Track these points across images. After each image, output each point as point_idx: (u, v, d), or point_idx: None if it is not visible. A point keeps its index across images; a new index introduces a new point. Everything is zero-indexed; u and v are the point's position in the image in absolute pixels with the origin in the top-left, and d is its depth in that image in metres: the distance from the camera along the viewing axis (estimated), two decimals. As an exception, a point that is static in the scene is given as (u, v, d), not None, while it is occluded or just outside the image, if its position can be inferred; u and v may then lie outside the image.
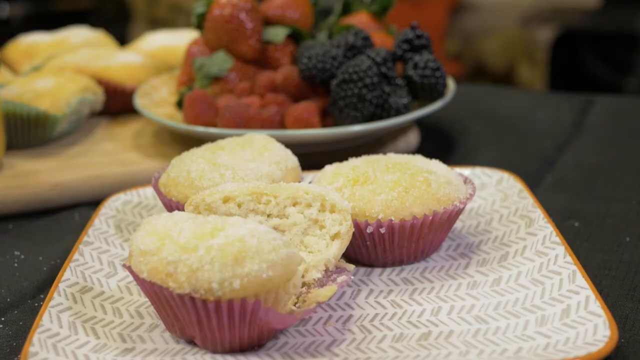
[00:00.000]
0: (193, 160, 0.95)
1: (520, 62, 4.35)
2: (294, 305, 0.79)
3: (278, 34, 1.37)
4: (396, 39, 1.32)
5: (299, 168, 1.01)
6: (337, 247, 0.84)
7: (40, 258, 1.00)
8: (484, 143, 1.39)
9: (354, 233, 0.88)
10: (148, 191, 1.10)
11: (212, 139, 1.19)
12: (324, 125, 1.25)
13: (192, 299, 0.72)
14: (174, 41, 1.64)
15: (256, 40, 1.34)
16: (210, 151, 0.97)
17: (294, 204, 0.85)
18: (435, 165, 0.95)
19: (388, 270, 0.93)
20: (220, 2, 1.34)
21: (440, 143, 1.40)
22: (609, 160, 1.28)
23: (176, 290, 0.72)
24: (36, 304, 0.91)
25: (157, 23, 4.69)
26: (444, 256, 0.95)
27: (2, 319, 0.88)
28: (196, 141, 1.30)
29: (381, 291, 0.88)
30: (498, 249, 0.94)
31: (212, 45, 1.37)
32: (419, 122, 1.44)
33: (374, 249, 0.91)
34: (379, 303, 0.85)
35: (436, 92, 1.28)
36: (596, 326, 0.74)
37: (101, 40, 1.67)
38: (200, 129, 1.19)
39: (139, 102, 1.34)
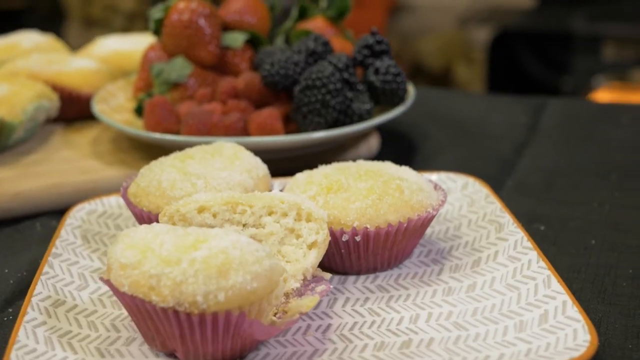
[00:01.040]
0: (163, 170, 0.94)
1: (458, 62, 4.41)
2: (274, 316, 0.79)
3: (236, 39, 1.36)
4: (356, 44, 1.33)
5: (269, 176, 1.00)
6: (315, 256, 0.84)
7: (6, 270, 0.98)
8: (442, 147, 1.40)
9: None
10: (112, 200, 1.09)
11: (175, 146, 1.18)
12: (287, 131, 1.25)
13: (176, 312, 0.71)
14: (127, 46, 1.61)
15: (215, 46, 1.33)
16: (180, 160, 0.96)
17: (270, 213, 0.85)
18: (406, 172, 0.96)
19: (362, 277, 0.93)
20: (179, 7, 1.33)
21: (399, 148, 1.41)
22: (567, 164, 1.30)
23: (159, 304, 0.71)
24: (5, 318, 0.88)
25: (92, 23, 4.62)
26: (417, 262, 0.96)
27: (-30, 334, 0.85)
28: (156, 148, 1.29)
29: (357, 299, 0.88)
30: (470, 255, 0.95)
31: (170, 51, 1.35)
32: (379, 127, 1.45)
33: (348, 256, 0.91)
34: (356, 311, 0.86)
35: (397, 97, 1.28)
36: (576, 331, 0.75)
37: (52, 45, 1.63)
38: (167, 136, 1.18)
39: (97, 108, 1.31)
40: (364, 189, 0.90)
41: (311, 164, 1.22)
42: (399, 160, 1.03)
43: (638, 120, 1.51)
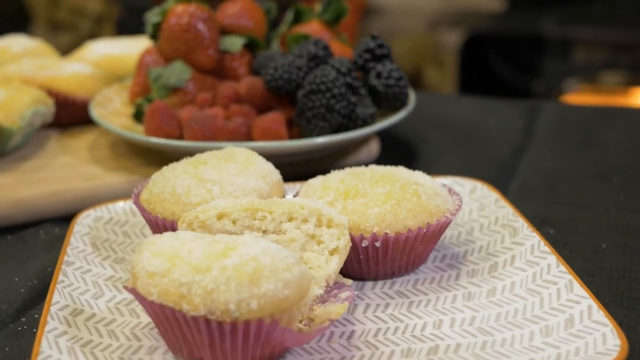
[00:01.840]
0: (177, 176, 0.93)
1: (428, 65, 4.42)
2: (300, 323, 0.78)
3: (235, 43, 1.35)
4: (357, 48, 1.32)
5: (282, 181, 0.99)
6: (336, 262, 0.83)
7: (16, 279, 0.96)
8: (442, 151, 1.40)
9: (347, 247, 0.87)
10: (118, 207, 1.07)
11: (179, 152, 1.17)
12: (289, 136, 1.24)
13: (207, 320, 0.70)
14: (119, 50, 1.59)
15: (214, 50, 1.32)
16: (193, 166, 0.95)
17: (290, 220, 0.84)
18: (421, 176, 0.95)
19: (380, 283, 0.92)
20: (177, 11, 1.31)
21: (399, 152, 1.40)
22: (567, 167, 1.31)
23: (190, 313, 0.70)
24: (19, 328, 0.87)
25: (58, 26, 4.57)
26: (433, 268, 0.95)
27: (-15, 345, 0.84)
28: (156, 154, 1.27)
29: (378, 305, 0.87)
30: (486, 259, 0.95)
31: (168, 55, 1.34)
32: (378, 132, 1.44)
33: (367, 262, 0.90)
34: (378, 317, 0.85)
35: (399, 101, 1.28)
36: (604, 335, 0.75)
37: (42, 49, 1.61)
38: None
39: (97, 113, 1.29)
40: (381, 194, 0.90)
41: (312, 169, 1.22)
42: (399, 165, 1.02)
43: (632, 123, 1.52)
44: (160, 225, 0.91)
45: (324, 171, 1.24)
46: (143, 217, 0.94)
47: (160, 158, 1.27)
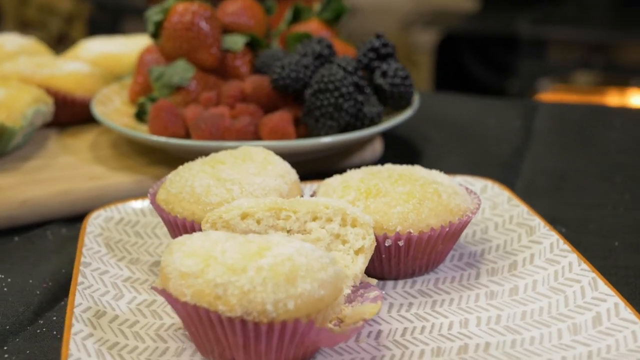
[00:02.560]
0: (194, 175, 0.92)
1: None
2: (329, 324, 0.78)
3: (237, 41, 1.34)
4: (361, 47, 1.32)
5: (299, 181, 0.99)
6: (362, 262, 0.83)
7: (30, 281, 0.94)
8: (445, 150, 1.40)
9: (370, 246, 0.87)
10: (128, 207, 1.06)
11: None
12: (296, 135, 1.23)
13: (243, 321, 0.69)
14: (114, 49, 1.58)
15: (217, 49, 1.31)
16: (210, 165, 0.94)
17: (314, 219, 0.84)
18: (439, 175, 0.95)
19: (400, 282, 0.92)
20: (179, 9, 1.30)
21: (402, 151, 1.40)
22: (570, 167, 1.31)
23: (226, 314, 0.69)
24: (38, 331, 0.85)
25: (27, 25, 4.52)
26: (451, 267, 0.95)
27: (5, 347, 0.82)
28: (160, 153, 1.27)
29: (401, 304, 0.87)
30: (504, 258, 0.95)
31: (170, 54, 1.32)
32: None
33: (388, 261, 0.90)
34: (403, 317, 0.85)
35: (405, 100, 1.28)
36: (634, 333, 0.75)
37: (35, 47, 1.59)
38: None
39: (100, 112, 1.28)
40: (403, 193, 0.89)
41: (317, 168, 1.22)
42: (403, 164, 1.01)
43: (630, 122, 1.53)
44: (180, 226, 0.90)
45: (329, 171, 1.25)
46: (160, 217, 0.93)
47: (164, 157, 1.25)
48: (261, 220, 0.83)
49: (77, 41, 1.67)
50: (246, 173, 0.92)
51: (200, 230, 0.88)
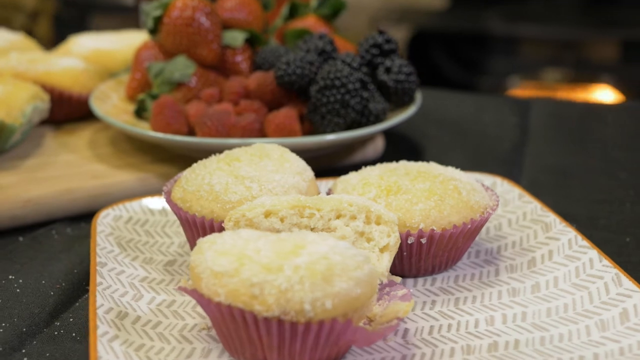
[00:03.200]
0: (211, 173, 0.90)
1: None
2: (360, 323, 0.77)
3: (236, 37, 1.33)
4: (363, 43, 1.31)
5: (314, 178, 0.97)
6: (388, 260, 0.82)
7: (43, 282, 0.92)
8: (446, 147, 1.40)
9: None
10: (135, 205, 1.04)
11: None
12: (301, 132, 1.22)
13: (280, 321, 0.68)
14: (108, 45, 1.55)
15: (217, 45, 1.30)
16: (226, 163, 0.92)
17: (338, 217, 0.83)
18: (456, 172, 0.95)
19: (420, 280, 0.91)
20: (178, 4, 1.28)
21: (403, 148, 1.40)
22: (571, 163, 1.32)
23: (262, 313, 0.67)
24: (55, 332, 0.83)
25: (-9, 21, 4.46)
26: (469, 264, 0.95)
27: (23, 350, 0.80)
28: (161, 151, 1.25)
29: (424, 302, 0.87)
30: (522, 255, 0.95)
31: (170, 50, 1.31)
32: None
33: (409, 259, 0.89)
34: (428, 315, 0.84)
35: (408, 96, 1.27)
36: (665, 328, 0.76)
37: (25, 44, 1.56)
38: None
39: (101, 110, 1.26)
40: (424, 190, 0.89)
41: (320, 165, 1.21)
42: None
43: (623, 119, 1.54)
44: (198, 224, 0.88)
45: (331, 168, 1.24)
46: (177, 216, 0.91)
47: (166, 155, 1.24)
48: (285, 218, 0.81)
49: (42, 38, 1.63)
50: (264, 170, 0.91)
51: (220, 228, 0.87)
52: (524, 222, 1.01)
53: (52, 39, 3.85)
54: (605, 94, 3.80)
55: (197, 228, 0.89)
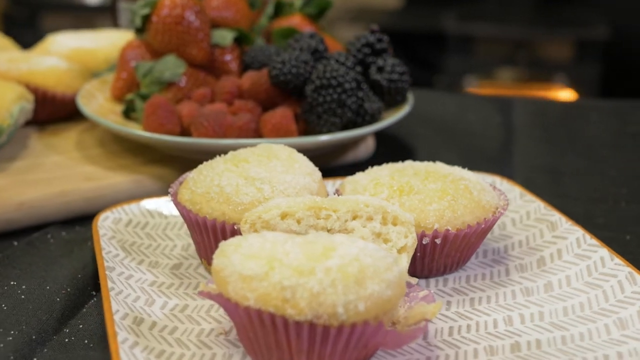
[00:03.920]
0: (220, 174, 0.89)
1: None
2: (383, 324, 0.76)
3: (225, 36, 1.31)
4: (354, 42, 1.30)
5: (322, 179, 0.96)
6: (406, 261, 0.81)
7: (47, 287, 0.89)
8: (435, 146, 1.40)
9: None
10: (134, 208, 1.02)
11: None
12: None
13: (312, 325, 0.67)
14: (88, 43, 1.52)
15: (207, 44, 1.28)
16: (233, 164, 0.90)
17: (354, 218, 0.82)
18: (463, 172, 0.94)
19: (432, 281, 0.91)
20: (166, 2, 1.25)
21: (394, 148, 1.39)
22: (561, 162, 1.33)
23: (294, 317, 0.66)
24: (66, 340, 0.81)
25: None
26: (478, 264, 0.94)
27: (34, 359, 0.77)
28: (153, 152, 1.22)
29: (440, 303, 0.86)
30: (530, 254, 0.95)
31: (158, 49, 1.28)
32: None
33: (422, 259, 0.89)
34: (445, 316, 0.83)
35: (401, 96, 1.27)
36: (685, 326, 0.76)
37: (2, 42, 1.52)
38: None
39: (89, 110, 1.23)
40: (436, 190, 0.88)
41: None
42: (397, 161, 1.00)
43: (605, 117, 1.56)
44: (209, 227, 0.86)
45: (324, 168, 1.23)
46: (185, 219, 0.90)
47: (159, 156, 1.21)
48: (301, 220, 0.80)
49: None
50: (274, 171, 0.89)
51: (232, 230, 0.85)
52: (527, 221, 1.01)
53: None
54: (559, 93, 3.86)
55: (208, 230, 0.87)
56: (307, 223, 0.80)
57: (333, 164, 1.27)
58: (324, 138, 1.14)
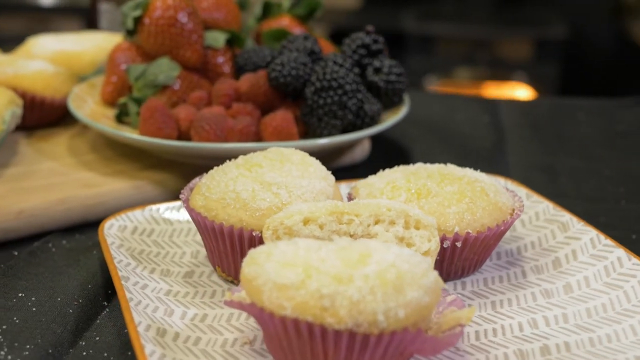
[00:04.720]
0: (234, 180, 0.87)
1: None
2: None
3: (217, 38, 1.29)
4: (349, 43, 1.29)
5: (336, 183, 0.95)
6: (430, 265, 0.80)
7: (58, 299, 0.86)
8: (429, 147, 1.39)
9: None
10: (137, 214, 0.99)
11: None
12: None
13: (351, 333, 0.65)
14: (72, 46, 1.48)
15: (200, 46, 1.25)
16: (246, 168, 0.89)
17: (376, 222, 0.80)
18: (477, 174, 0.94)
19: (450, 284, 0.90)
20: (158, 4, 1.23)
21: (388, 150, 1.38)
22: (555, 161, 1.33)
23: (334, 326, 0.65)
24: (84, 353, 0.78)
25: None
26: (493, 266, 0.94)
27: (53, 375, 0.75)
28: (149, 157, 1.20)
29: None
30: (544, 255, 0.94)
31: (150, 51, 1.26)
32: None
33: (441, 263, 0.88)
34: (468, 319, 0.82)
35: (398, 97, 1.26)
36: None
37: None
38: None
39: (82, 114, 1.20)
40: (454, 193, 0.88)
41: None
42: (393, 163, 0.99)
43: (593, 116, 1.57)
44: (226, 234, 0.85)
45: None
46: (199, 225, 0.88)
47: (155, 161, 1.19)
48: (324, 225, 0.79)
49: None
50: (290, 176, 0.88)
51: (249, 236, 0.84)
52: (537, 222, 1.01)
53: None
54: (518, 91, 3.90)
55: (225, 237, 0.85)
56: (329, 228, 0.79)
57: (329, 167, 1.25)
58: (325, 141, 1.13)
